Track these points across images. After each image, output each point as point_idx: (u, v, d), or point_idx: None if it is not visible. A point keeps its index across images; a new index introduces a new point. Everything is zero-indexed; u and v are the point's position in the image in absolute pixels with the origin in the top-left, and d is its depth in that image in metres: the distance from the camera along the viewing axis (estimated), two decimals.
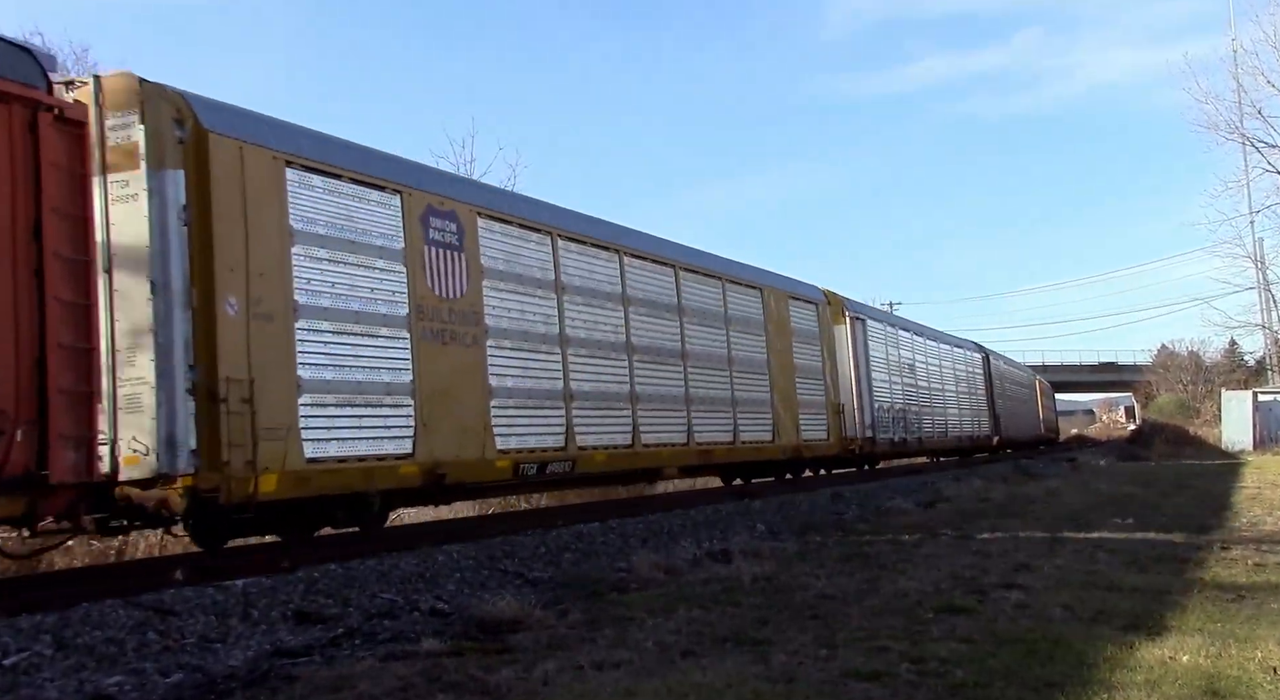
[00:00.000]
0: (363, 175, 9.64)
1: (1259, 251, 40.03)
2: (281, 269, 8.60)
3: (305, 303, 8.77)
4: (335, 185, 9.29)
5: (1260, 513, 11.56)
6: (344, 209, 9.35)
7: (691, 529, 10.63)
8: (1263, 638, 4.84)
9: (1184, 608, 5.68)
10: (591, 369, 12.52)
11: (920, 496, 15.08)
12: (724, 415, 15.69)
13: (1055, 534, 9.55)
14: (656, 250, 14.82)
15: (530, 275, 11.75)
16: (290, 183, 8.84)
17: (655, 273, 14.57)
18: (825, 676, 4.30)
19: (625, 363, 13.26)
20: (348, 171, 9.46)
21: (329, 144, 9.65)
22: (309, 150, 9.21)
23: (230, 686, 4.56)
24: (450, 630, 5.71)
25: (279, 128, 9.15)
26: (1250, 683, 4.09)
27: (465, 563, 8.05)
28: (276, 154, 8.76)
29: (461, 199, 10.92)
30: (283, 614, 6.21)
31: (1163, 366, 62.92)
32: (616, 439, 12.78)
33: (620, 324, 13.36)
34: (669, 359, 14.43)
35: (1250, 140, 37.05)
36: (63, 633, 5.35)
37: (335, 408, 8.88)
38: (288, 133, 9.20)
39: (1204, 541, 8.86)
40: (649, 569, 7.59)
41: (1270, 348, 43.35)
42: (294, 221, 8.81)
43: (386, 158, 10.41)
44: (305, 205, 8.95)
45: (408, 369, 9.66)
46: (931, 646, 4.80)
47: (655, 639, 5.17)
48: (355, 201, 9.50)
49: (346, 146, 9.91)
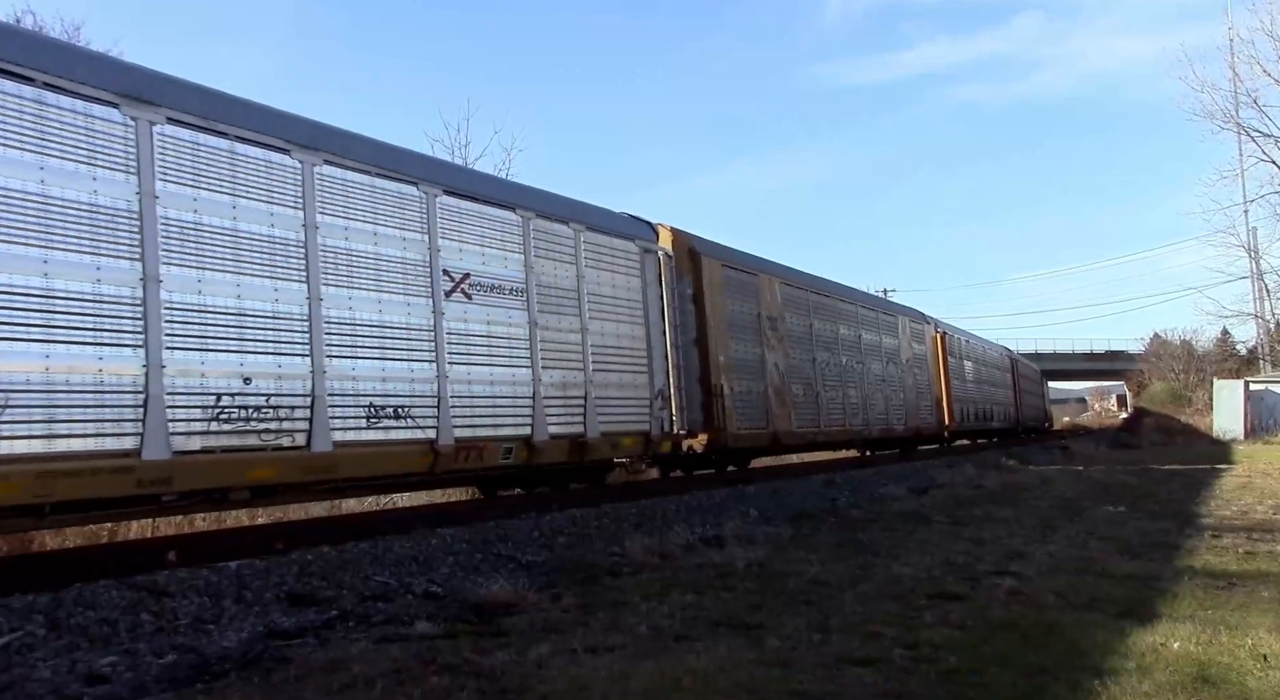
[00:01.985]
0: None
1: (1252, 241, 40.20)
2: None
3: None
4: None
5: (1251, 501, 11.61)
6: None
7: (685, 514, 10.64)
8: (1253, 625, 4.87)
9: (1175, 595, 5.71)
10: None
11: (913, 483, 15.12)
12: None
13: (1048, 521, 9.59)
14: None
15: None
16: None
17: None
18: (818, 661, 4.32)
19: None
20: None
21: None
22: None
23: (224, 668, 4.55)
24: (444, 613, 5.71)
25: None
26: (1240, 669, 4.12)
27: (459, 546, 8.05)
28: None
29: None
30: (276, 596, 6.20)
31: (1155, 355, 63.10)
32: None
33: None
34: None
35: (1245, 129, 37.14)
36: (56, 613, 5.34)
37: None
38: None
39: (1195, 529, 8.90)
40: (643, 554, 7.61)
41: (1262, 337, 43.53)
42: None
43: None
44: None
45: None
46: (924, 632, 4.82)
47: (649, 623, 5.19)
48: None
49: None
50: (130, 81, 7.67)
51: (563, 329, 11.84)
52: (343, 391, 8.85)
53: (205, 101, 8.23)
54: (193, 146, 7.99)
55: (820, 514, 11.02)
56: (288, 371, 8.41)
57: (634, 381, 13.03)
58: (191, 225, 7.87)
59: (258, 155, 8.50)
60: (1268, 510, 10.58)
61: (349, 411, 8.90)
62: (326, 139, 9.26)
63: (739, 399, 16.18)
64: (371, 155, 9.71)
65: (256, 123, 8.59)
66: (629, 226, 13.93)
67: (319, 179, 9.01)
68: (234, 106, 8.52)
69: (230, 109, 8.44)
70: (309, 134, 9.07)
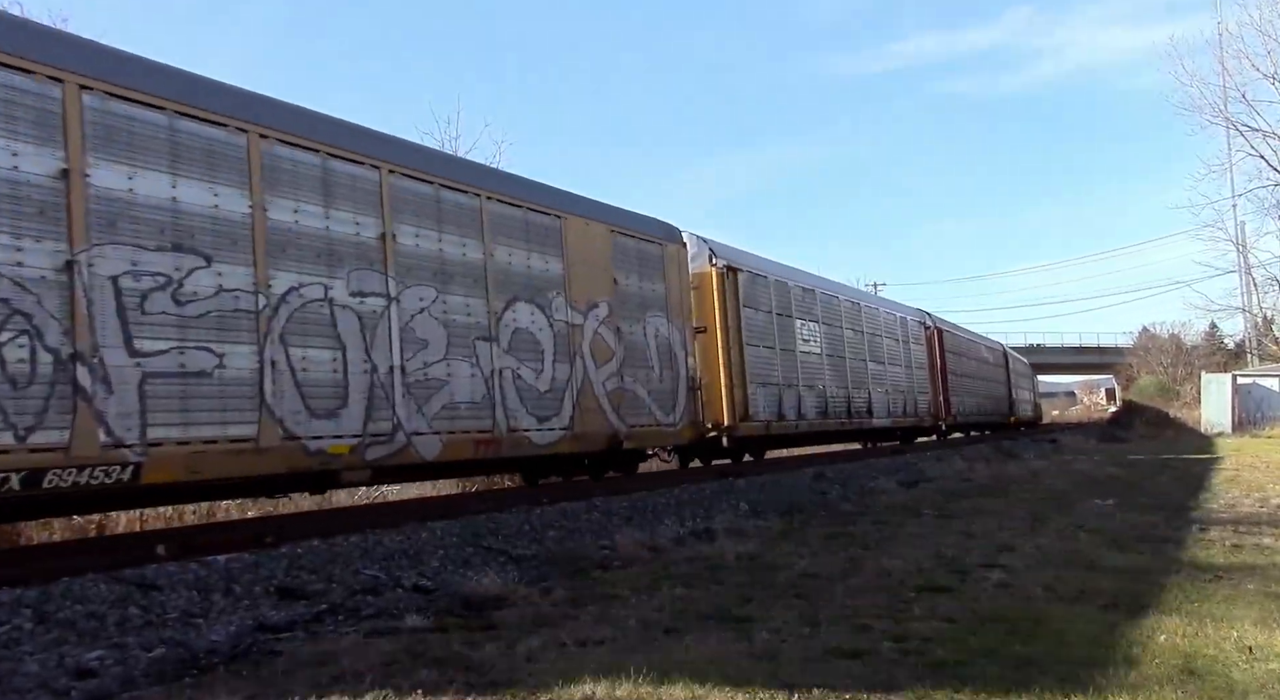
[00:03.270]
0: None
1: (1240, 235, 40.40)
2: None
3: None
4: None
5: (1238, 494, 11.67)
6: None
7: (675, 508, 10.65)
8: (1239, 617, 4.90)
9: (1163, 588, 5.74)
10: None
11: (903, 476, 15.16)
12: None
13: (1037, 514, 9.63)
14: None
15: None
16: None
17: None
18: (808, 654, 4.33)
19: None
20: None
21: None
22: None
23: (213, 661, 4.55)
24: (434, 607, 5.71)
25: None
26: (1226, 661, 4.14)
27: (449, 539, 8.04)
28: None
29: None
30: (265, 589, 6.19)
31: (1144, 349, 63.46)
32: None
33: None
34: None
35: (1234, 124, 37.35)
36: (43, 606, 5.32)
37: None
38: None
39: (1183, 522, 8.95)
40: (633, 547, 7.61)
41: (1250, 331, 43.78)
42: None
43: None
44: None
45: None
46: (913, 625, 4.84)
47: (639, 616, 5.19)
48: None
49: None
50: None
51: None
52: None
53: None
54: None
55: (810, 507, 11.05)
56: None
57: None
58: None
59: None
60: (1254, 504, 10.64)
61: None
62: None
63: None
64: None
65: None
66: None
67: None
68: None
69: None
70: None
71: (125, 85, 7.66)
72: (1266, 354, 41.54)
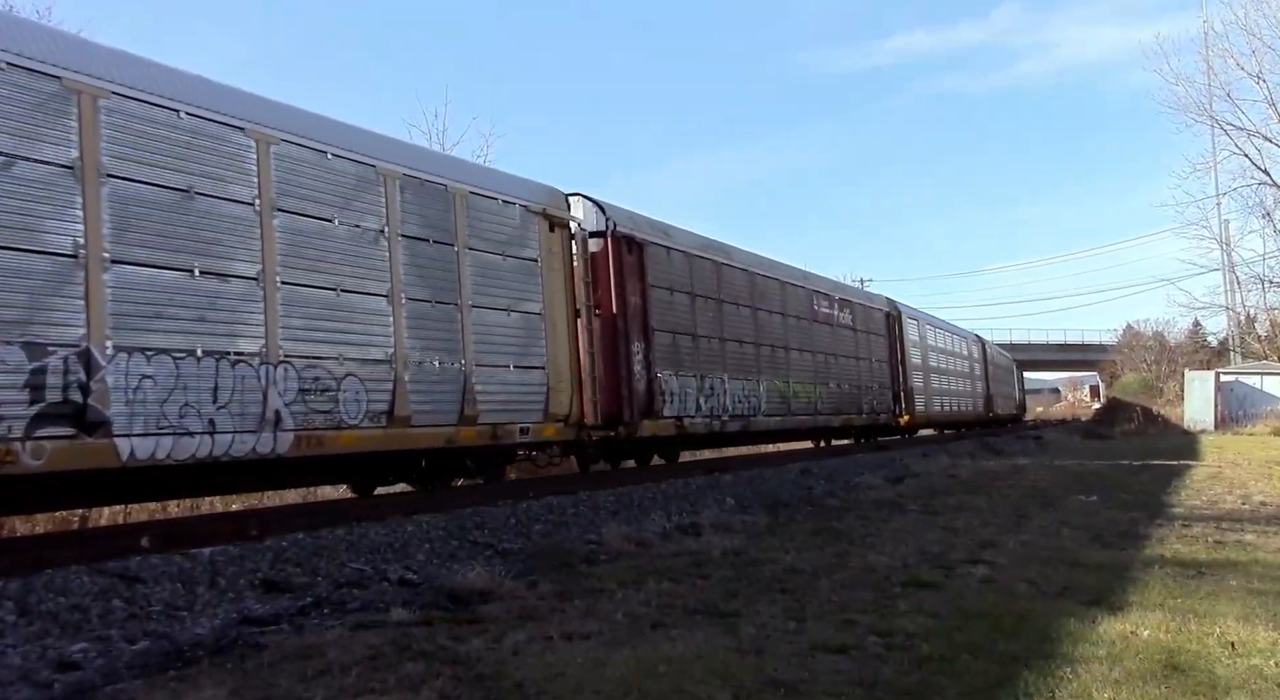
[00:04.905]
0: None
1: (1225, 233, 40.62)
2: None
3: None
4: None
5: (1220, 491, 11.75)
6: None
7: (662, 502, 10.67)
8: (1222, 613, 4.93)
9: (1146, 584, 5.77)
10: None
11: (889, 472, 15.21)
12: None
13: (1021, 510, 9.68)
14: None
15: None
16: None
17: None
18: (794, 649, 4.34)
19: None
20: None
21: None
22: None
23: (197, 654, 4.52)
24: (420, 600, 5.69)
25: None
26: (1209, 657, 4.17)
27: (435, 533, 8.03)
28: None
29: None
30: (250, 582, 6.17)
31: (1128, 346, 63.80)
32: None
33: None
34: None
35: (1219, 122, 37.51)
36: (26, 599, 5.29)
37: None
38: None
39: (1166, 519, 9.00)
40: (619, 541, 7.61)
41: (1233, 329, 44.05)
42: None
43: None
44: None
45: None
46: (899, 620, 4.85)
47: (625, 610, 5.19)
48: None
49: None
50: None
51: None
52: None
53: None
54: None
55: (796, 502, 11.07)
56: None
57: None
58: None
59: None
60: (1237, 500, 10.71)
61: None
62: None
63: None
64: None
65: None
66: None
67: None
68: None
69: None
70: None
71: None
72: (1249, 352, 41.79)
